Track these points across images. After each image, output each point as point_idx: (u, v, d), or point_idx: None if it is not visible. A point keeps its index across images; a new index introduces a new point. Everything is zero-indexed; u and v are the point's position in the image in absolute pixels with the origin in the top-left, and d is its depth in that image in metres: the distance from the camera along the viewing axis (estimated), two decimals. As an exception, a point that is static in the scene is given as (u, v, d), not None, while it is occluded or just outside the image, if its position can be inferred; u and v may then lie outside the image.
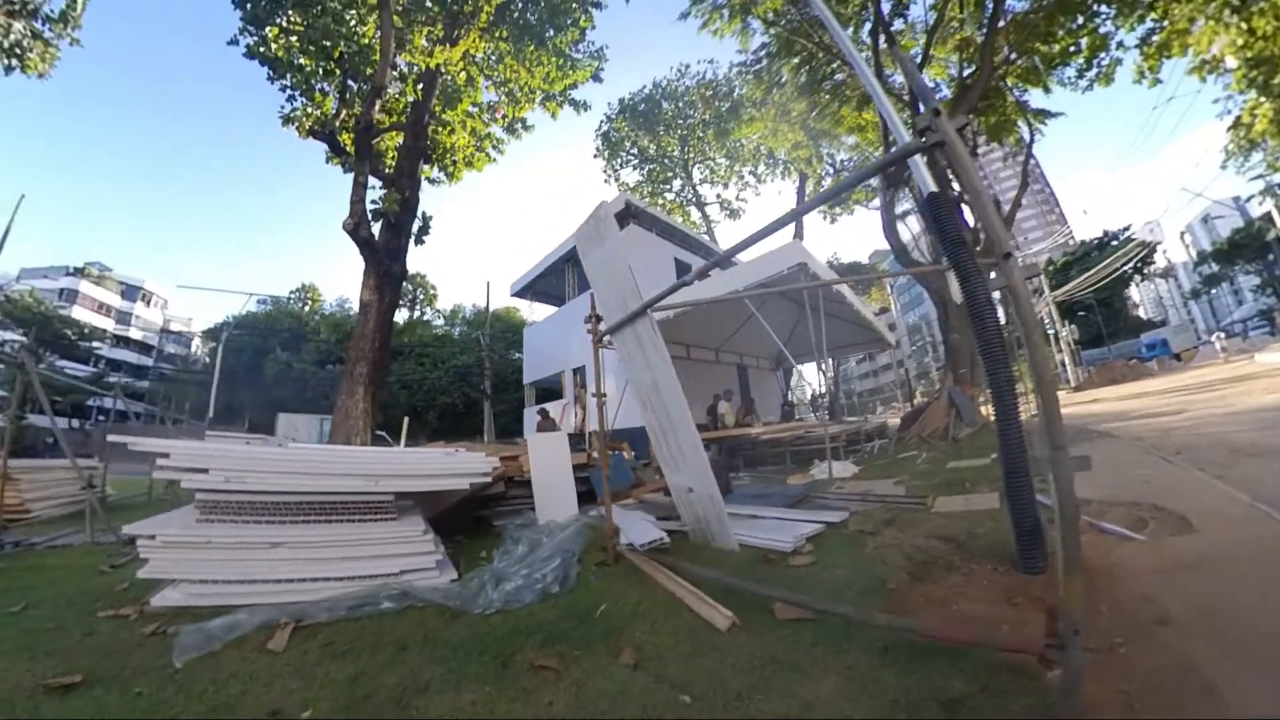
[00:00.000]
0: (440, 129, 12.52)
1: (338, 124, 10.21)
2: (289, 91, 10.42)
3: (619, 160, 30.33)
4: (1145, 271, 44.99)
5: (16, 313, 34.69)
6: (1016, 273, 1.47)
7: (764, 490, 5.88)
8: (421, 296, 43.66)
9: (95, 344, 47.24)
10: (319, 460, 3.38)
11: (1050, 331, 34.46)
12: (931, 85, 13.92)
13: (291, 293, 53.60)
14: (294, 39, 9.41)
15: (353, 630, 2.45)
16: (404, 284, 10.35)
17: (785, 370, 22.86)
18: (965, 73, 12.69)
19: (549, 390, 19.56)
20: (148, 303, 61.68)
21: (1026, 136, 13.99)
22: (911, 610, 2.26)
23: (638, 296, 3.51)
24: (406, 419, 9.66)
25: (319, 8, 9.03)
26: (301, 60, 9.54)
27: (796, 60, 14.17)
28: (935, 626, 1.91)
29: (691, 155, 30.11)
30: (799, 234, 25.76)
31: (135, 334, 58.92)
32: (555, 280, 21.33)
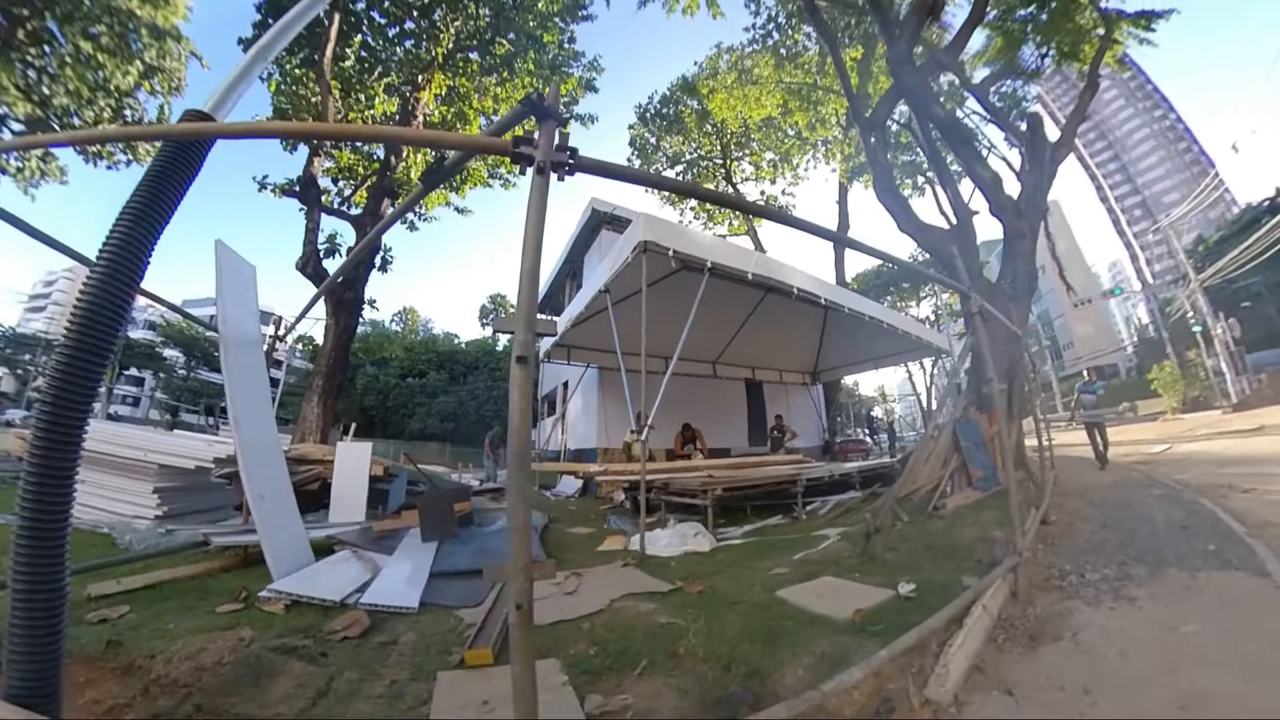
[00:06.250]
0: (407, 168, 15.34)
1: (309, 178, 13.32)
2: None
3: (653, 168, 31.97)
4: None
5: (173, 335, 45.48)
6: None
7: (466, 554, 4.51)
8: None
9: (234, 361, 60.07)
10: (125, 436, 5.83)
11: (1197, 330, 30.05)
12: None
13: (394, 315, 63.60)
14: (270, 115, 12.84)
15: (77, 535, 4.71)
16: (364, 308, 13.45)
17: (826, 385, 21.52)
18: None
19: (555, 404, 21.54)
20: (278, 326, 76.21)
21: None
22: None
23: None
24: (355, 425, 12.43)
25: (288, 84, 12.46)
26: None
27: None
28: None
29: (732, 153, 30.81)
30: (845, 227, 25.57)
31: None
32: (560, 295, 23.64)
